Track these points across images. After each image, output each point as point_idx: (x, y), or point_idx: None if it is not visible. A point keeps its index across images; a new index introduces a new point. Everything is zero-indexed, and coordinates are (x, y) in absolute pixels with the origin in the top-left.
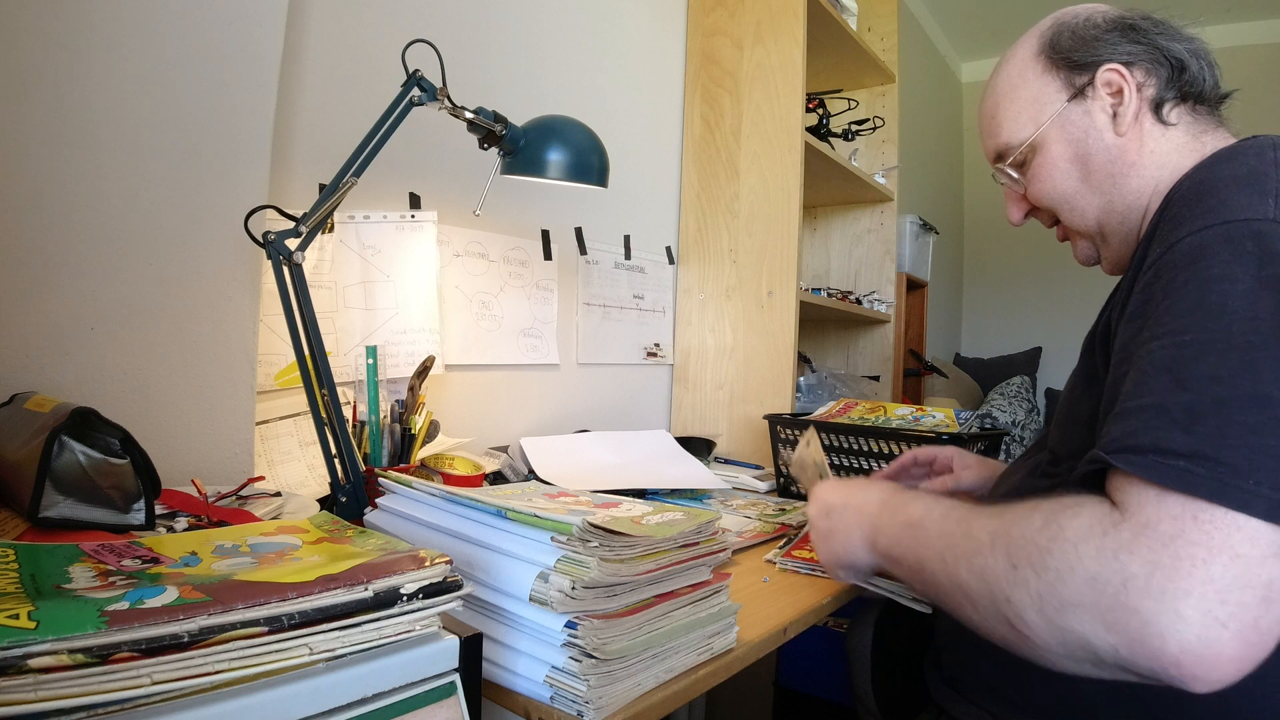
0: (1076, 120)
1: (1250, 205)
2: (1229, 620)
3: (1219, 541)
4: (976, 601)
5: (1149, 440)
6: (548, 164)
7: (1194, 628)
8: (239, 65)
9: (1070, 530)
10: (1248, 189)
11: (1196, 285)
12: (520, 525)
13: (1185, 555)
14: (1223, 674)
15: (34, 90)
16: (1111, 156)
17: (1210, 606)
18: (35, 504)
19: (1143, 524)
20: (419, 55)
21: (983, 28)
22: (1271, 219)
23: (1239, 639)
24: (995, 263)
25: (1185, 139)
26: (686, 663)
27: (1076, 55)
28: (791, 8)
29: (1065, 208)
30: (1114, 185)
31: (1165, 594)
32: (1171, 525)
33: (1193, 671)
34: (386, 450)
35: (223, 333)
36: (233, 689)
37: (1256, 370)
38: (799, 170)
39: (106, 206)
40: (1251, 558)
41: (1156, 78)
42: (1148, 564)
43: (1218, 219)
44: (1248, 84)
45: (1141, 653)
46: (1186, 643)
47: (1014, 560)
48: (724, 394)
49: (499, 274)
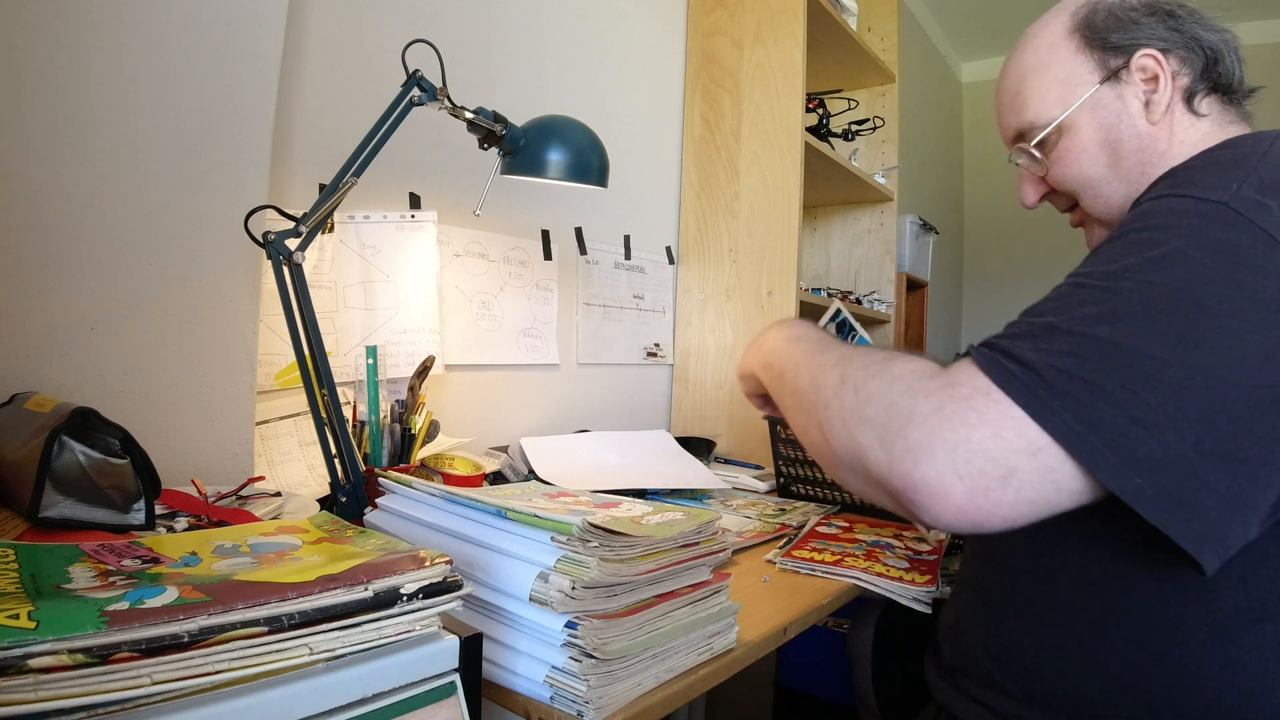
0: (1109, 104)
1: (1211, 186)
2: (965, 476)
3: (992, 418)
4: (801, 403)
5: (1008, 345)
6: (548, 164)
7: (938, 467)
8: (239, 65)
9: (896, 369)
10: (1222, 172)
11: (1123, 241)
12: (520, 525)
13: (962, 416)
14: (944, 515)
15: (34, 90)
16: (1143, 145)
17: (956, 461)
18: (35, 504)
19: (951, 382)
20: (419, 55)
21: (983, 28)
22: (1224, 202)
23: (966, 496)
24: (995, 263)
25: (1213, 130)
26: (686, 663)
27: (1113, 37)
28: (791, 8)
29: (1089, 193)
30: (1142, 174)
31: (931, 435)
32: (967, 391)
33: (923, 501)
34: (386, 450)
35: (223, 333)
36: (233, 689)
37: (1120, 321)
38: (799, 170)
39: (106, 206)
40: (1009, 443)
41: (1191, 67)
42: (934, 409)
43: (1179, 191)
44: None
45: (896, 472)
46: (928, 477)
47: (844, 378)
48: (724, 394)
49: (499, 274)
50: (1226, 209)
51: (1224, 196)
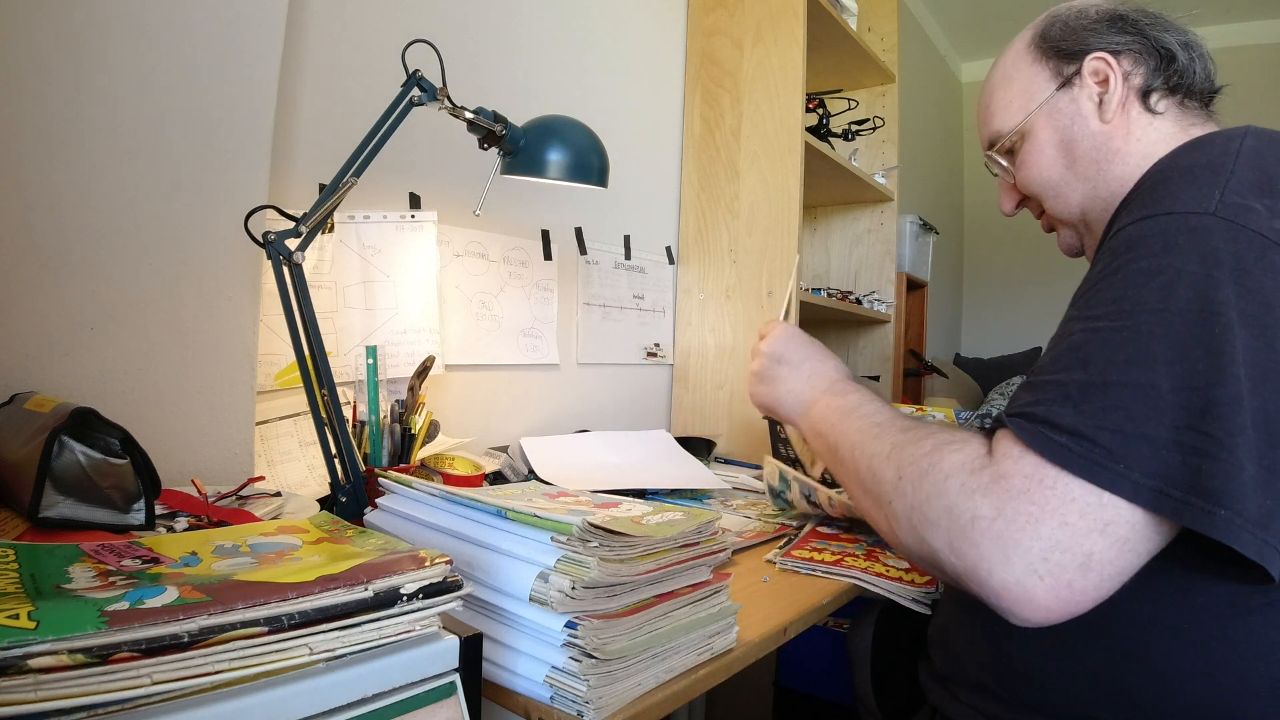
0: (1063, 108)
1: (1194, 198)
2: (1045, 575)
3: (1053, 507)
4: (866, 494)
5: (1044, 413)
6: (548, 164)
7: (1015, 572)
8: (239, 65)
9: (946, 463)
10: (1198, 182)
11: (1123, 275)
12: (520, 525)
13: (1024, 512)
14: (1033, 616)
15: (33, 91)
16: (1096, 143)
17: (1032, 560)
18: (35, 504)
19: (1001, 475)
20: (419, 55)
21: (983, 28)
22: (1210, 213)
23: (1051, 594)
24: (995, 263)
25: (1173, 130)
26: (686, 663)
27: (1065, 45)
28: (791, 8)
29: (1050, 194)
30: (1098, 171)
31: (1000, 539)
32: (1022, 483)
33: (1009, 607)
34: (386, 450)
35: (223, 333)
36: (233, 689)
37: (1151, 361)
38: (799, 170)
39: (106, 207)
40: (1078, 528)
41: (1144, 66)
42: (994, 510)
43: (1161, 209)
44: (1248, 84)
45: (973, 578)
46: (1006, 583)
47: (900, 473)
48: (724, 394)
49: (499, 274)
50: (1214, 219)
51: (1209, 207)
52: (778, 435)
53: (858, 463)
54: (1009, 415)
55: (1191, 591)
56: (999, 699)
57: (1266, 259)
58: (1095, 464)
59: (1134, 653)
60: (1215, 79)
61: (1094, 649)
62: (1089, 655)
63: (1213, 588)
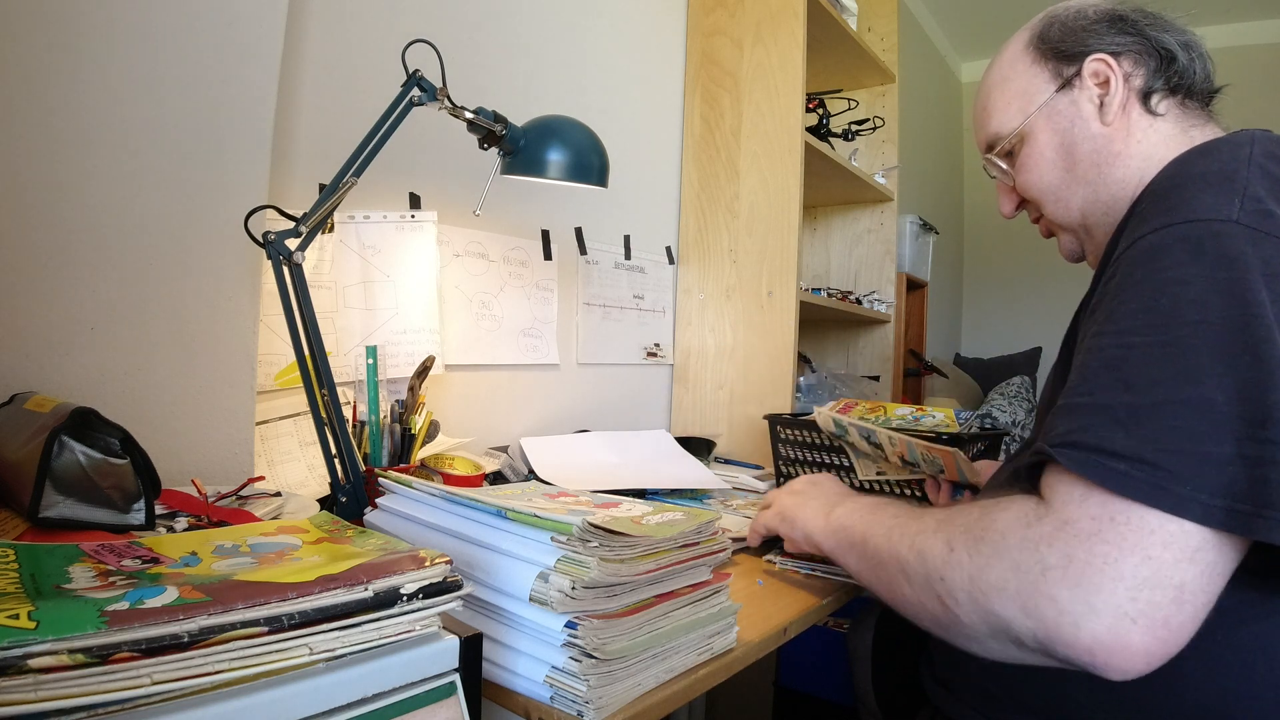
0: (1063, 110)
1: (1214, 205)
2: (1138, 617)
3: (1132, 543)
4: (912, 577)
5: (1093, 439)
6: (548, 164)
7: (1105, 620)
8: (239, 65)
9: (1000, 521)
10: (1215, 188)
11: (1150, 286)
12: (520, 525)
13: (1099, 553)
14: (1133, 666)
15: (34, 91)
16: (1097, 146)
17: (1120, 603)
18: (35, 504)
19: (1064, 520)
20: (419, 55)
21: (983, 28)
22: (1234, 220)
23: (1149, 635)
24: (995, 263)
25: (1173, 131)
26: (686, 663)
27: (1064, 46)
28: (791, 8)
29: (1050, 198)
30: (1099, 175)
31: (1080, 587)
32: (1090, 525)
33: (1105, 661)
34: (386, 450)
35: (223, 333)
36: (233, 689)
37: (1198, 375)
38: (799, 170)
39: (106, 207)
40: (1164, 560)
41: (1145, 68)
42: (1064, 557)
43: (1180, 217)
44: (1248, 84)
45: (1058, 639)
46: (1098, 634)
47: (951, 544)
48: (724, 394)
49: (499, 274)
50: (1238, 226)
51: (1230, 214)
52: (778, 435)
53: (897, 547)
54: (1054, 446)
55: None
56: (1001, 702)
57: None
58: (1160, 489)
59: None
60: (1215, 79)
61: None
62: None
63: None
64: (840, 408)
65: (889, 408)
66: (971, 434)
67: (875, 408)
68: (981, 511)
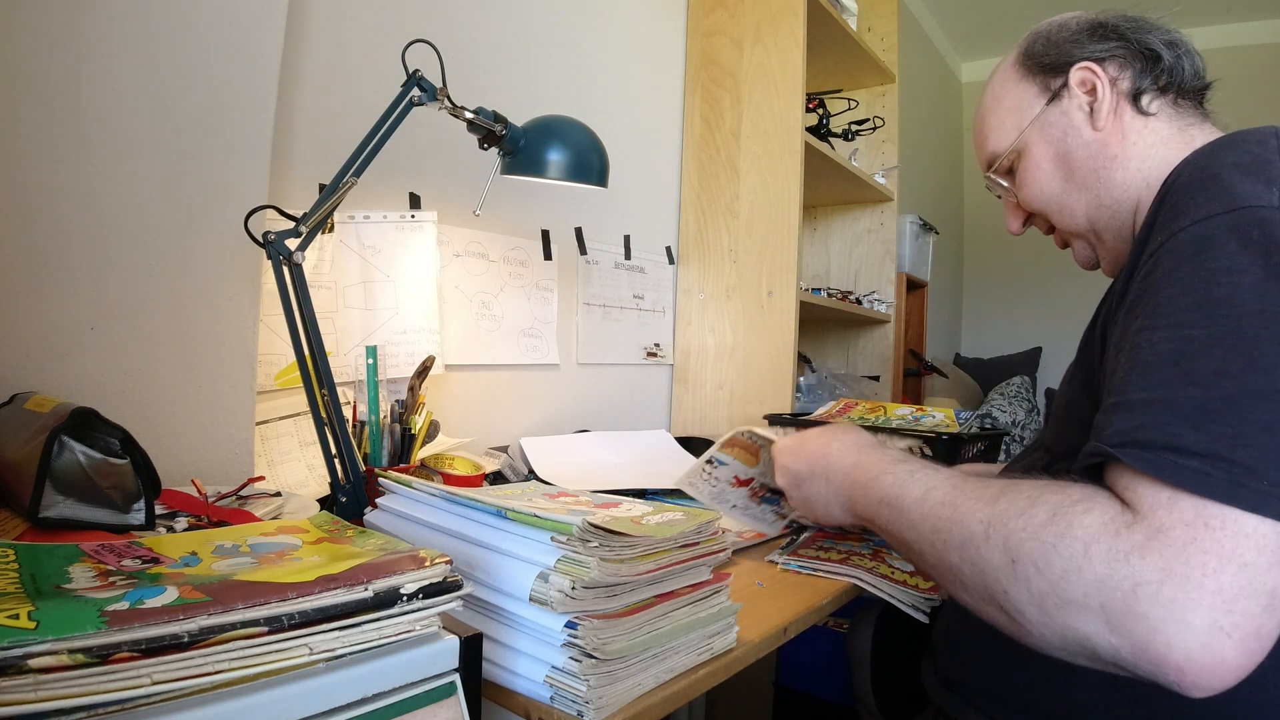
0: (1055, 121)
1: (1255, 193)
2: (1233, 630)
3: (1229, 549)
4: (969, 587)
5: (1160, 437)
6: (548, 164)
7: (1200, 636)
8: (239, 65)
9: (1080, 529)
10: (1252, 176)
11: (1202, 276)
12: (520, 525)
13: (1197, 564)
14: (1223, 680)
15: (34, 91)
16: (1092, 152)
17: (1217, 616)
18: (35, 504)
19: (1156, 528)
20: (419, 55)
21: (983, 28)
22: (1277, 206)
23: (1241, 647)
24: (995, 263)
25: (1169, 131)
26: (686, 663)
27: (1049, 59)
28: (791, 8)
29: (1055, 209)
30: (1098, 180)
31: (1175, 603)
32: (1185, 532)
33: (1194, 679)
34: (386, 450)
35: (223, 333)
36: (233, 689)
37: (1267, 365)
38: (799, 170)
39: (106, 207)
40: (1259, 565)
41: (1131, 69)
42: (1160, 571)
43: (1222, 207)
44: (1248, 84)
45: (1145, 657)
46: (1191, 651)
47: (1013, 555)
48: (724, 394)
49: (499, 274)
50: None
51: (1273, 201)
52: None
53: (945, 555)
54: (1116, 446)
55: None
56: (1007, 704)
57: None
58: (1241, 486)
59: None
60: (1205, 75)
61: None
62: None
63: None
64: (840, 408)
65: (889, 408)
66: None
67: (875, 408)
68: (1050, 515)
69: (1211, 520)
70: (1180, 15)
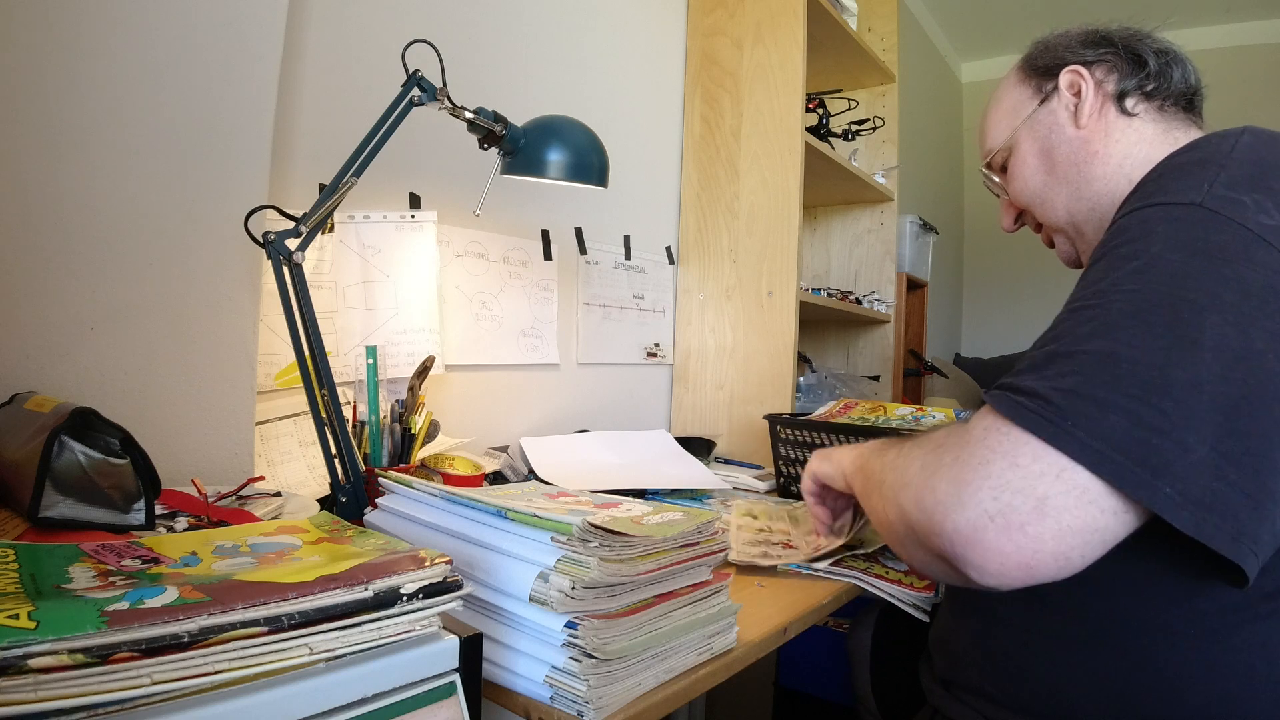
0: (1043, 120)
1: (1182, 190)
2: (996, 515)
3: (1005, 449)
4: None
5: (1011, 380)
6: (548, 164)
7: (967, 513)
8: (239, 65)
9: (933, 436)
10: (1189, 175)
11: (1105, 261)
12: (520, 525)
13: (977, 455)
14: (989, 567)
15: (33, 91)
16: (1074, 148)
17: (982, 499)
18: (35, 504)
19: (964, 429)
20: (419, 55)
21: (983, 28)
22: (1197, 204)
23: (1003, 536)
24: (995, 263)
25: (1153, 132)
26: (686, 663)
27: (1044, 63)
28: (791, 8)
29: (1037, 202)
30: (1078, 174)
31: (955, 481)
32: (980, 433)
33: (963, 553)
34: (386, 450)
35: (223, 333)
36: (233, 689)
37: (1115, 333)
38: (799, 170)
39: (106, 207)
40: (1032, 471)
41: (1117, 72)
42: (953, 458)
43: (1148, 202)
44: (1248, 84)
45: (931, 527)
46: (959, 525)
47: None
48: (724, 394)
49: (499, 274)
50: (1201, 210)
51: (1197, 198)
52: (778, 435)
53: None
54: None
55: (1195, 595)
56: (1000, 702)
57: (1249, 252)
58: (1044, 419)
59: (1137, 657)
60: (1196, 84)
61: (1097, 653)
62: (1091, 659)
63: (1216, 592)
64: (840, 408)
65: (889, 408)
66: None
67: (875, 408)
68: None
69: (1002, 429)
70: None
